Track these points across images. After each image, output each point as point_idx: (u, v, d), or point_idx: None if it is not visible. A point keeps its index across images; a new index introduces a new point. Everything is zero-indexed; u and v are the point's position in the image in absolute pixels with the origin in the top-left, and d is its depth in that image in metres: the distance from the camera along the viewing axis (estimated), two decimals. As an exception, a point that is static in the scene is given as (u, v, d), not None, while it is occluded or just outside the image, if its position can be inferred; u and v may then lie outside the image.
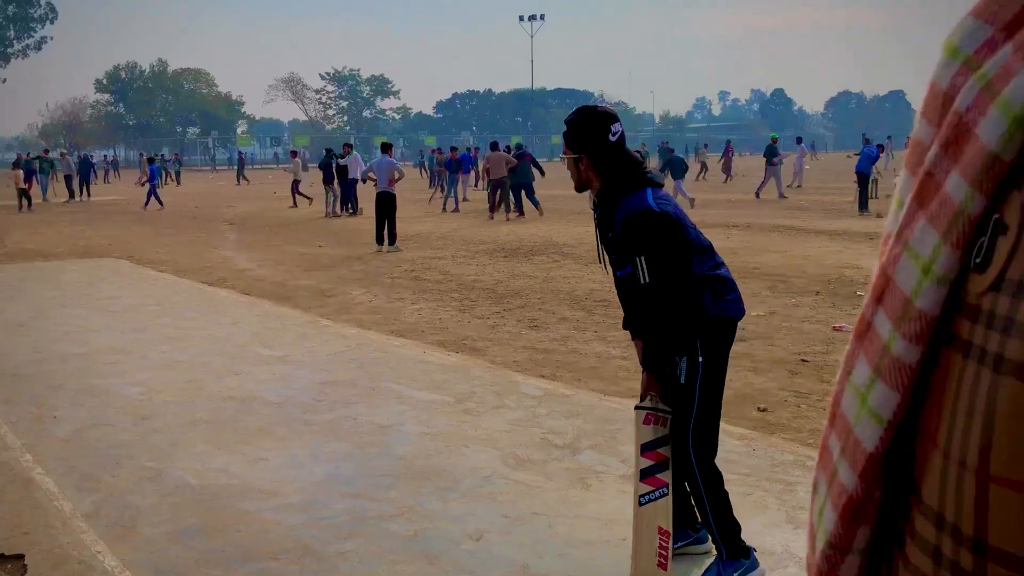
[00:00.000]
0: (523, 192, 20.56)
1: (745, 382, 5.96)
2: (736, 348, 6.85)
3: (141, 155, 40.64)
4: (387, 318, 8.52)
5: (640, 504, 3.03)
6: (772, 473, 4.20)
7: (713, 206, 22.56)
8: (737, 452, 4.49)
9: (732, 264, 11.86)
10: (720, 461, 4.33)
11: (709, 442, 3.13)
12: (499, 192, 20.50)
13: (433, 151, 36.65)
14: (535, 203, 20.40)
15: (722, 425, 4.95)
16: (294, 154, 28.87)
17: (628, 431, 4.85)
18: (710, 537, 3.21)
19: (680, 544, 3.34)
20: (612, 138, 3.08)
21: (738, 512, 3.74)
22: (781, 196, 24.30)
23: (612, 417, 5.07)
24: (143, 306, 9.32)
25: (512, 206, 20.40)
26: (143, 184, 27.07)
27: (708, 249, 3.13)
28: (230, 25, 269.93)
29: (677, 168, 22.92)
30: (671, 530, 3.03)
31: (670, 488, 3.04)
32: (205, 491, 4.12)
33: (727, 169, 38.08)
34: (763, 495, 3.94)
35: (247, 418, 5.26)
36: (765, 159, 25.56)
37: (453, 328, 7.92)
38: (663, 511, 3.01)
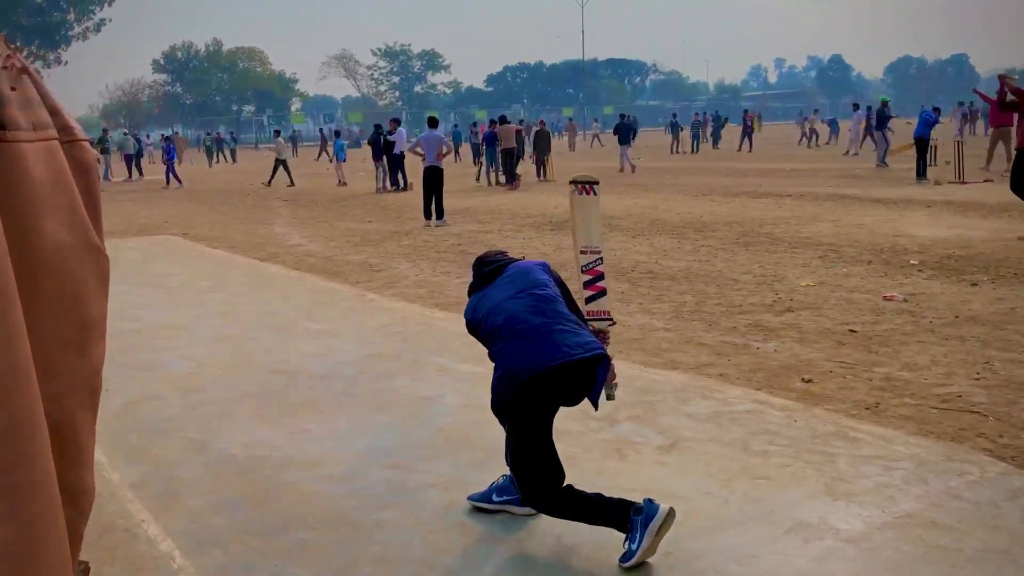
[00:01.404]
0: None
1: (791, 353, 5.88)
2: (783, 319, 6.81)
3: (161, 135, 41.30)
4: (432, 292, 8.57)
5: None
6: (813, 444, 4.15)
7: (768, 175, 22.19)
8: (778, 424, 4.44)
9: (783, 234, 11.75)
10: (760, 432, 4.32)
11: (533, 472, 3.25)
12: (513, 161, 21.70)
13: (472, 125, 36.65)
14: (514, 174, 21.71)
15: (763, 396, 4.94)
16: (321, 132, 29.10)
17: (668, 403, 4.83)
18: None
19: (504, 499, 3.54)
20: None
21: (776, 484, 3.72)
22: (882, 162, 23.27)
23: (652, 388, 5.05)
24: (196, 282, 9.52)
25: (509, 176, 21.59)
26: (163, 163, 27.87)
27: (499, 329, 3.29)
28: (283, 3, 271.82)
29: (624, 133, 25.32)
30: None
31: None
32: (248, 463, 4.21)
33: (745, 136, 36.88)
34: (802, 466, 3.89)
35: (292, 391, 5.36)
36: (876, 124, 24.55)
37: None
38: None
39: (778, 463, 3.94)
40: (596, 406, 3.32)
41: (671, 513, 3.07)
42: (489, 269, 3.53)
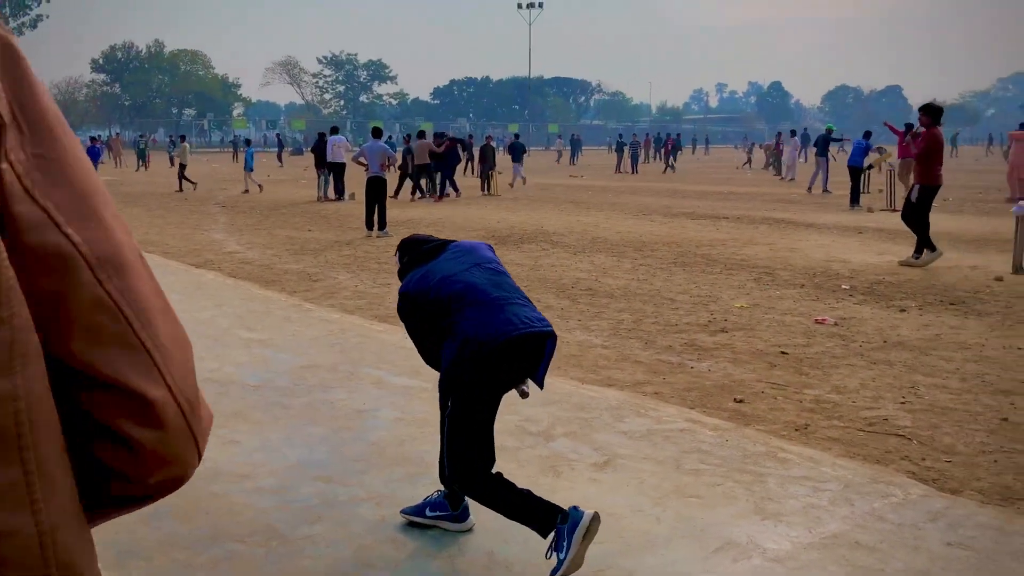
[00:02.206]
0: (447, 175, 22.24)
1: (724, 373, 5.98)
2: (717, 339, 6.91)
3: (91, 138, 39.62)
4: (372, 303, 8.51)
5: None
6: (743, 464, 4.22)
7: (707, 197, 22.58)
8: (710, 443, 4.50)
9: (719, 256, 11.91)
10: (693, 451, 4.38)
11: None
12: (424, 178, 21.93)
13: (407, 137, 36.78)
14: (455, 187, 22.24)
15: (696, 415, 5.01)
16: (249, 142, 28.82)
17: (603, 420, 4.87)
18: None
19: (436, 514, 3.53)
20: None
21: (707, 503, 3.77)
22: (825, 191, 23.76)
23: (588, 405, 5.08)
24: (128, 287, 9.29)
25: (434, 189, 21.86)
26: None
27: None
28: (228, 6, 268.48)
29: (516, 152, 27.91)
30: None
31: None
32: (177, 473, 4.11)
33: (667, 158, 38.33)
34: (733, 486, 3.95)
35: (224, 401, 5.26)
36: (816, 150, 25.23)
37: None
38: None
39: (709, 482, 4.00)
40: (542, 383, 3.37)
41: (595, 518, 3.08)
42: (431, 246, 3.54)
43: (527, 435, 4.57)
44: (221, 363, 6.12)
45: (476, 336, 3.15)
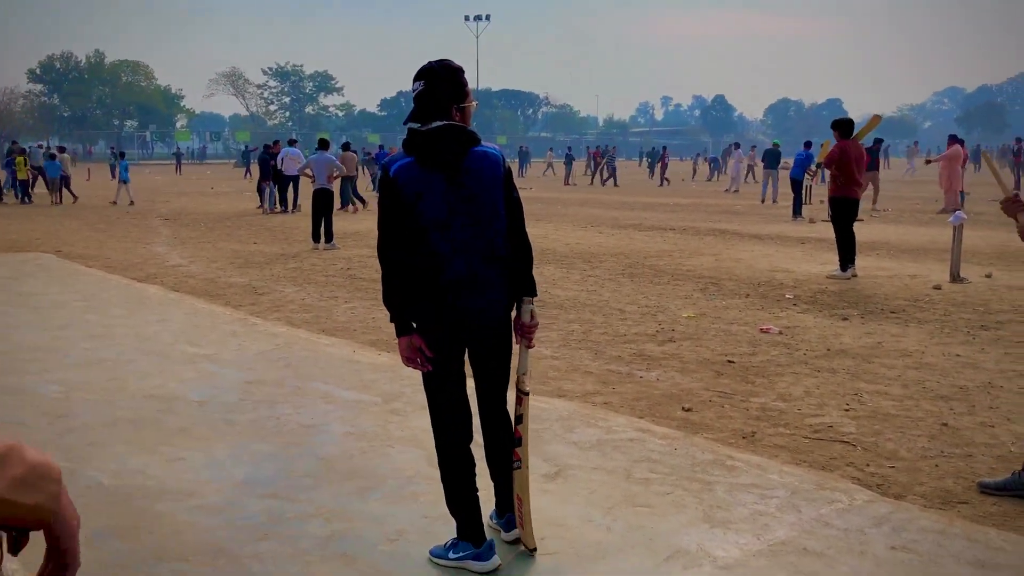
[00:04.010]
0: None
1: (672, 383, 6.03)
2: (665, 349, 6.97)
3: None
4: (319, 316, 8.42)
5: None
6: (692, 472, 4.25)
7: (654, 209, 22.82)
8: (659, 452, 4.54)
9: (666, 266, 11.99)
10: (643, 460, 4.40)
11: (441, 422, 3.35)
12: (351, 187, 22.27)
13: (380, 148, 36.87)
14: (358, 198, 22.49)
15: (646, 425, 5.04)
16: (177, 152, 28.30)
17: (554, 431, 4.88)
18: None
19: (458, 556, 3.33)
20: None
21: (657, 511, 3.79)
22: (770, 200, 24.47)
23: (539, 416, 5.08)
24: (68, 303, 9.07)
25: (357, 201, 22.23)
26: None
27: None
28: (171, 17, 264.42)
29: None
30: (525, 498, 3.36)
31: (524, 464, 3.37)
32: (119, 492, 4.02)
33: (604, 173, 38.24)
34: (682, 494, 3.98)
35: (168, 418, 5.15)
36: (764, 163, 25.77)
37: (385, 328, 7.85)
38: (518, 481, 3.35)
39: (659, 491, 4.02)
40: None
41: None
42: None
43: (476, 447, 4.54)
44: (165, 379, 6.00)
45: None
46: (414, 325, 3.24)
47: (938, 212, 20.40)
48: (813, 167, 18.34)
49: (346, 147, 23.01)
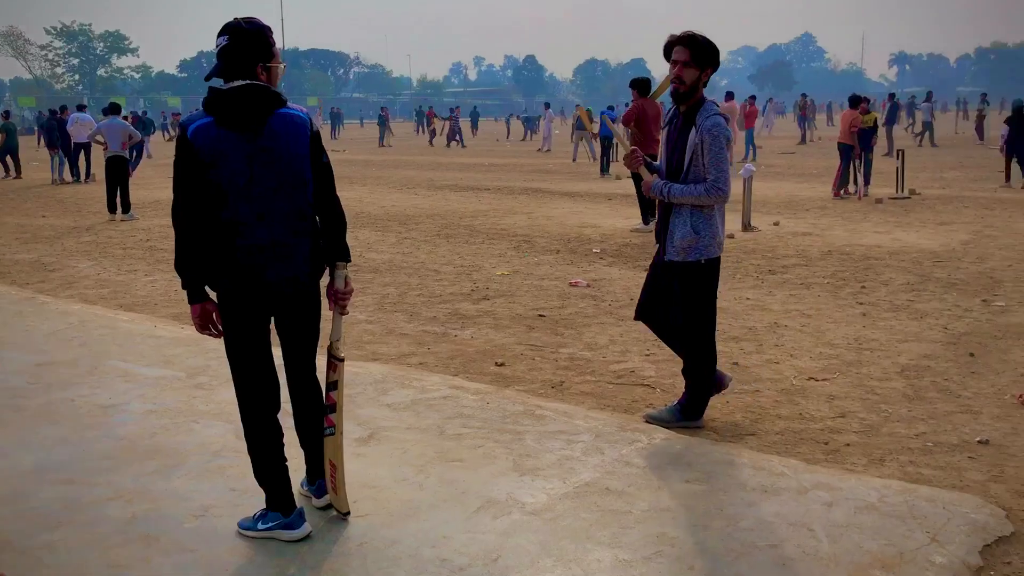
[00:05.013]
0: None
1: (486, 339, 6.13)
2: (480, 307, 7.07)
3: None
4: (116, 292, 7.96)
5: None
6: (503, 424, 4.36)
7: (470, 170, 22.95)
8: (472, 407, 4.62)
9: (481, 226, 12.10)
10: (456, 416, 4.47)
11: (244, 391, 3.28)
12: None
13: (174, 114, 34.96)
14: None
15: (460, 382, 5.11)
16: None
17: (367, 395, 4.86)
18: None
19: (267, 526, 3.27)
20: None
21: (468, 465, 3.86)
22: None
23: (352, 381, 5.03)
24: None
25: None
26: None
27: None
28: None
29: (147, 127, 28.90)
30: (339, 463, 3.33)
31: (338, 430, 3.35)
32: None
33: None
34: (493, 446, 4.07)
35: (-56, 408, 4.74)
36: (574, 125, 26.45)
37: (191, 299, 7.54)
38: (331, 447, 3.32)
39: (471, 444, 4.10)
40: None
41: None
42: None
43: (287, 415, 4.46)
44: (-61, 367, 5.50)
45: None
46: (208, 291, 3.13)
47: None
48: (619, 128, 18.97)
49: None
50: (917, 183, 15.75)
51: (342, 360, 3.37)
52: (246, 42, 3.05)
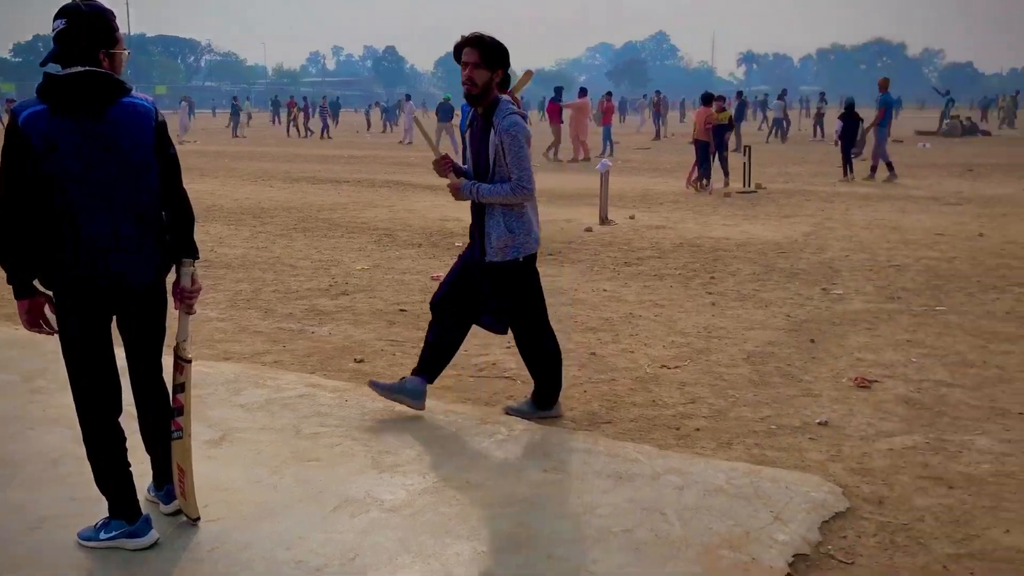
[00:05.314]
0: None
1: (345, 335, 6.04)
2: (338, 302, 6.95)
3: None
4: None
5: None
6: (362, 422, 4.30)
7: (329, 161, 22.52)
8: (329, 405, 4.53)
9: (340, 219, 11.95)
10: (312, 415, 4.38)
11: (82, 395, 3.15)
12: None
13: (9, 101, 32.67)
14: None
15: (317, 380, 5.01)
16: None
17: (219, 395, 4.70)
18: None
19: (111, 536, 3.11)
20: None
21: (326, 464, 3.79)
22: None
23: (202, 382, 4.83)
24: None
25: None
26: None
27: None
28: None
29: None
30: (187, 468, 3.21)
31: (186, 433, 3.22)
32: None
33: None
34: (351, 444, 4.02)
35: None
36: (437, 117, 26.71)
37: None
38: (179, 451, 3.21)
39: (328, 443, 4.03)
40: None
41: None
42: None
43: (132, 418, 4.26)
44: None
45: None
46: (38, 286, 2.95)
47: (568, 161, 22.01)
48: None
49: None
50: (763, 178, 16.53)
51: (189, 361, 3.23)
52: (85, 25, 2.88)
